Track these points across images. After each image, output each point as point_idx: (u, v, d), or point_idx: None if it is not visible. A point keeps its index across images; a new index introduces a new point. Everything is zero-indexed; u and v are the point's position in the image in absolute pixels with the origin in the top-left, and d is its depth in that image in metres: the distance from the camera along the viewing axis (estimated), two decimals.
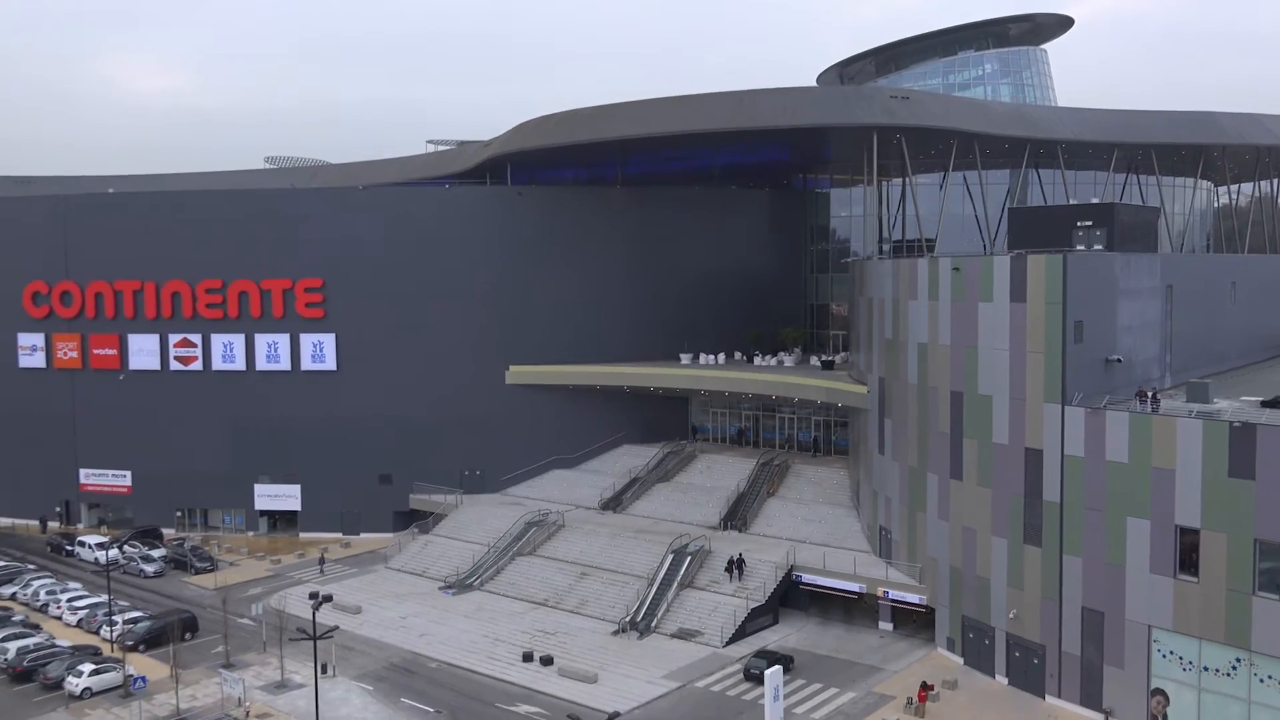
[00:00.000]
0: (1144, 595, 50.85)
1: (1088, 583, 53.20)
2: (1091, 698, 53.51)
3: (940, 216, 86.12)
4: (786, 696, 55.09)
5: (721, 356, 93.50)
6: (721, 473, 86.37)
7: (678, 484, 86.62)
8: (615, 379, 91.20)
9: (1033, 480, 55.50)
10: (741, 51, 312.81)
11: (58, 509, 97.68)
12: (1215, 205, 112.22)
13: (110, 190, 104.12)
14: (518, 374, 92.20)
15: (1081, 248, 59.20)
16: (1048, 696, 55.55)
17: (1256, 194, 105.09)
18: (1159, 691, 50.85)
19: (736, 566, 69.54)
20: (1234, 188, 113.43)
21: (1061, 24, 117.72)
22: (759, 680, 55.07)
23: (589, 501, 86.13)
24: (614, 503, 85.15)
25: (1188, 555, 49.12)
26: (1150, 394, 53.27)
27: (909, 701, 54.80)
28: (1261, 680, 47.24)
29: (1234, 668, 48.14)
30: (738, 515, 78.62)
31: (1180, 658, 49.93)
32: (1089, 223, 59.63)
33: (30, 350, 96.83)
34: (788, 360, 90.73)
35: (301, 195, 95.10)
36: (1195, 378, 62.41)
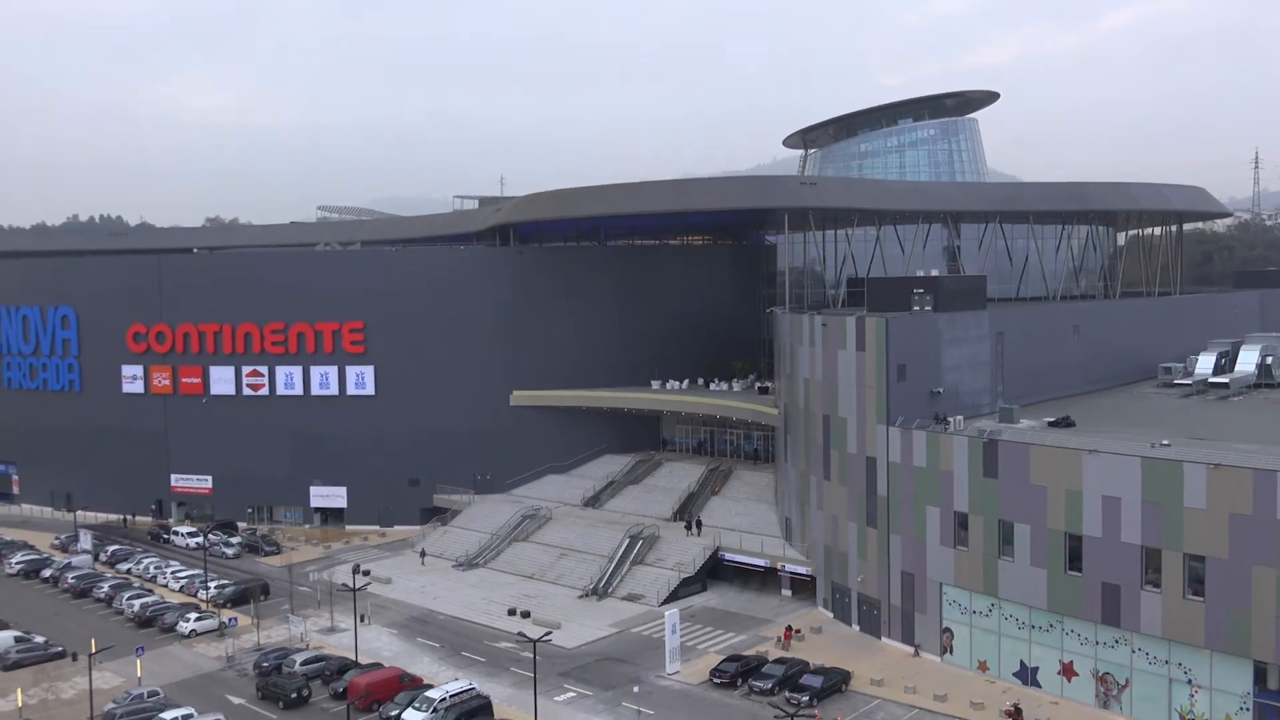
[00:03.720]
0: (937, 561, 71.68)
1: (904, 553, 74.05)
2: (908, 637, 74.29)
3: (865, 263, 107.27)
4: (697, 639, 76.59)
5: (686, 383, 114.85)
6: (679, 476, 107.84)
7: (645, 485, 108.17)
8: (598, 401, 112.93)
9: (871, 480, 76.47)
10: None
11: (153, 505, 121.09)
12: (1113, 249, 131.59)
13: (195, 250, 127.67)
14: (520, 397, 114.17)
15: (916, 308, 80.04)
16: (883, 637, 76.35)
17: (1129, 241, 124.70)
18: (947, 629, 71.62)
19: (696, 525, 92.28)
20: (1133, 233, 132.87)
21: (989, 96, 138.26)
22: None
23: (574, 500, 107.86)
24: (593, 500, 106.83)
25: (961, 531, 69.90)
26: (944, 417, 74.04)
27: (778, 640, 75.92)
28: (1006, 618, 67.93)
29: (990, 610, 68.87)
30: (686, 510, 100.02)
31: (959, 604, 70.68)
32: (921, 290, 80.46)
33: (131, 379, 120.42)
34: (736, 387, 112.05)
35: (347, 256, 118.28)
36: (1032, 403, 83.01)
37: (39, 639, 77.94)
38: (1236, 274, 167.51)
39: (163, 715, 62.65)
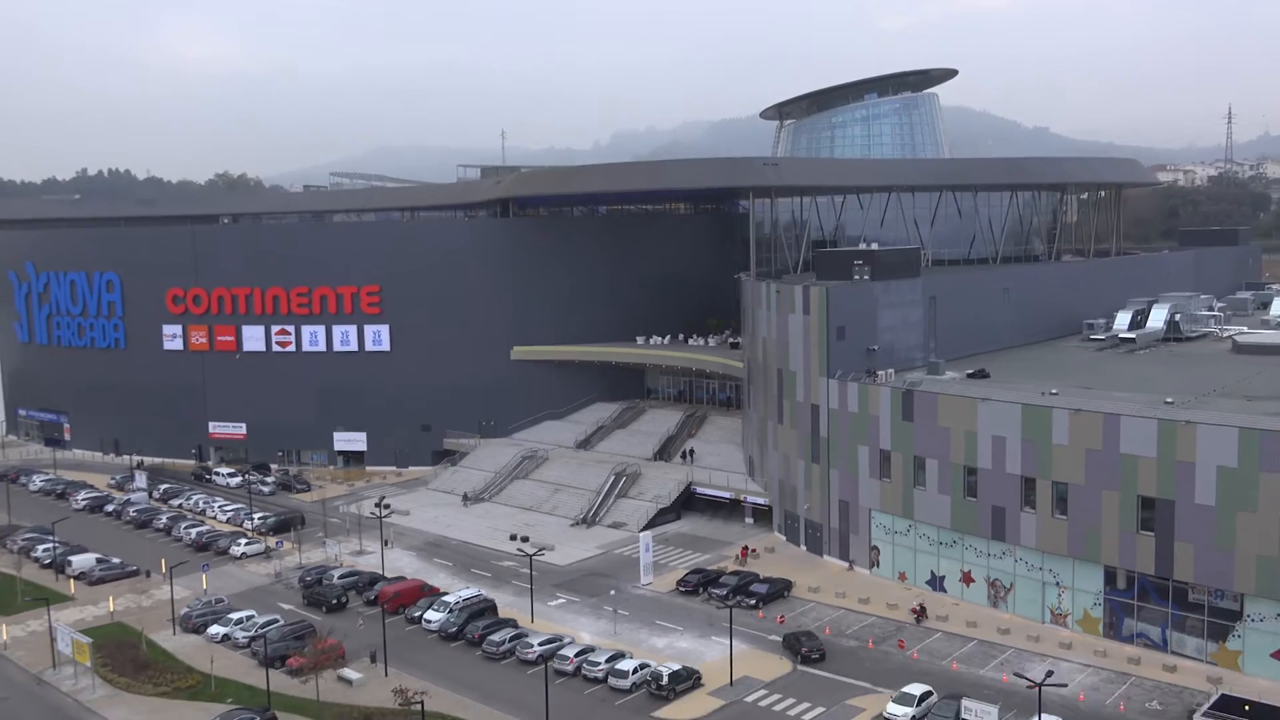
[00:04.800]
0: (867, 491, 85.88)
1: (841, 485, 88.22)
2: (844, 554, 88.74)
3: (832, 228, 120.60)
4: (669, 558, 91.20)
5: (667, 338, 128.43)
6: (660, 422, 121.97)
7: (630, 429, 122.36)
8: (590, 356, 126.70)
9: (815, 424, 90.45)
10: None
11: (193, 451, 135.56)
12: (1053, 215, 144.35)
13: (221, 219, 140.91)
14: (519, 352, 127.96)
15: (856, 277, 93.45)
16: (824, 555, 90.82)
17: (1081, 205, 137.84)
18: (875, 547, 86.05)
19: (689, 454, 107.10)
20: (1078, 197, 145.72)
21: (948, 74, 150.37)
22: None
23: (568, 442, 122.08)
24: (585, 443, 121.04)
25: (885, 466, 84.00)
26: (874, 371, 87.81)
27: (736, 558, 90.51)
28: (920, 536, 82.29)
29: (908, 530, 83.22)
30: (665, 451, 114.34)
31: (884, 526, 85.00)
32: (860, 261, 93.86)
33: (171, 337, 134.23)
34: (711, 342, 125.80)
35: (364, 227, 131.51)
36: (962, 357, 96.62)
37: (115, 560, 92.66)
38: (1180, 233, 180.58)
39: (230, 615, 77.41)
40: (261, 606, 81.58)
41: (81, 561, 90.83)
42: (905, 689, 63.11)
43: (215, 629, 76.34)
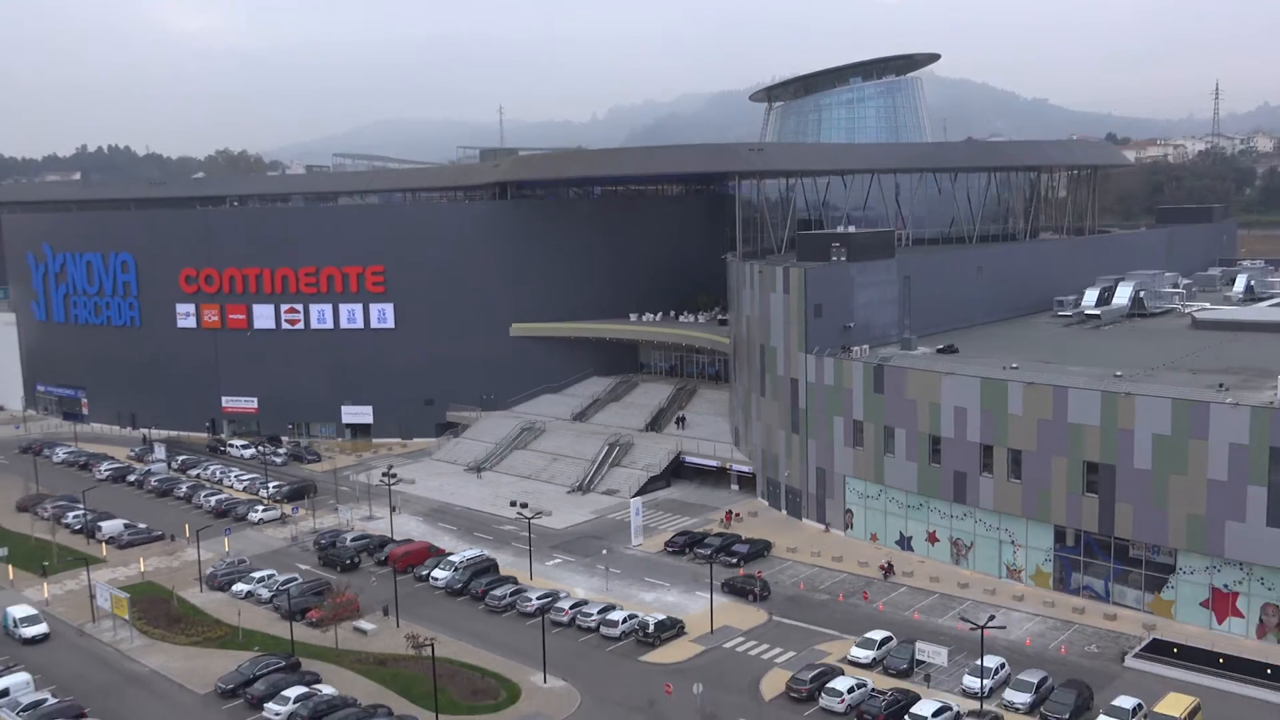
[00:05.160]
0: (841, 458, 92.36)
1: (818, 453, 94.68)
2: (821, 517, 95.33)
3: (819, 207, 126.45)
4: (658, 522, 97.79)
5: (659, 315, 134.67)
6: (652, 395, 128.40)
7: (623, 402, 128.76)
8: (585, 332, 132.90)
9: (794, 396, 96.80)
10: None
11: (206, 424, 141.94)
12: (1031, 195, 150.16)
13: (230, 201, 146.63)
14: (518, 329, 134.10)
15: (834, 259, 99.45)
16: (803, 519, 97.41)
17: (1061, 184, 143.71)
18: (849, 510, 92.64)
19: (680, 421, 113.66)
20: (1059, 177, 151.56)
21: (931, 58, 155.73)
22: None
23: (565, 415, 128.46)
24: (581, 415, 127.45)
25: (858, 435, 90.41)
26: (848, 347, 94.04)
27: (721, 522, 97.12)
28: (890, 500, 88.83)
29: (879, 494, 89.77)
30: (657, 422, 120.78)
31: (857, 491, 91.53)
32: (838, 244, 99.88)
33: (184, 315, 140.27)
34: (701, 319, 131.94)
35: (369, 209, 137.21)
36: (935, 333, 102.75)
37: (142, 525, 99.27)
38: (1158, 211, 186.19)
39: (252, 574, 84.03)
40: (280, 567, 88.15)
41: (110, 527, 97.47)
42: (868, 635, 69.83)
43: (239, 586, 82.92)
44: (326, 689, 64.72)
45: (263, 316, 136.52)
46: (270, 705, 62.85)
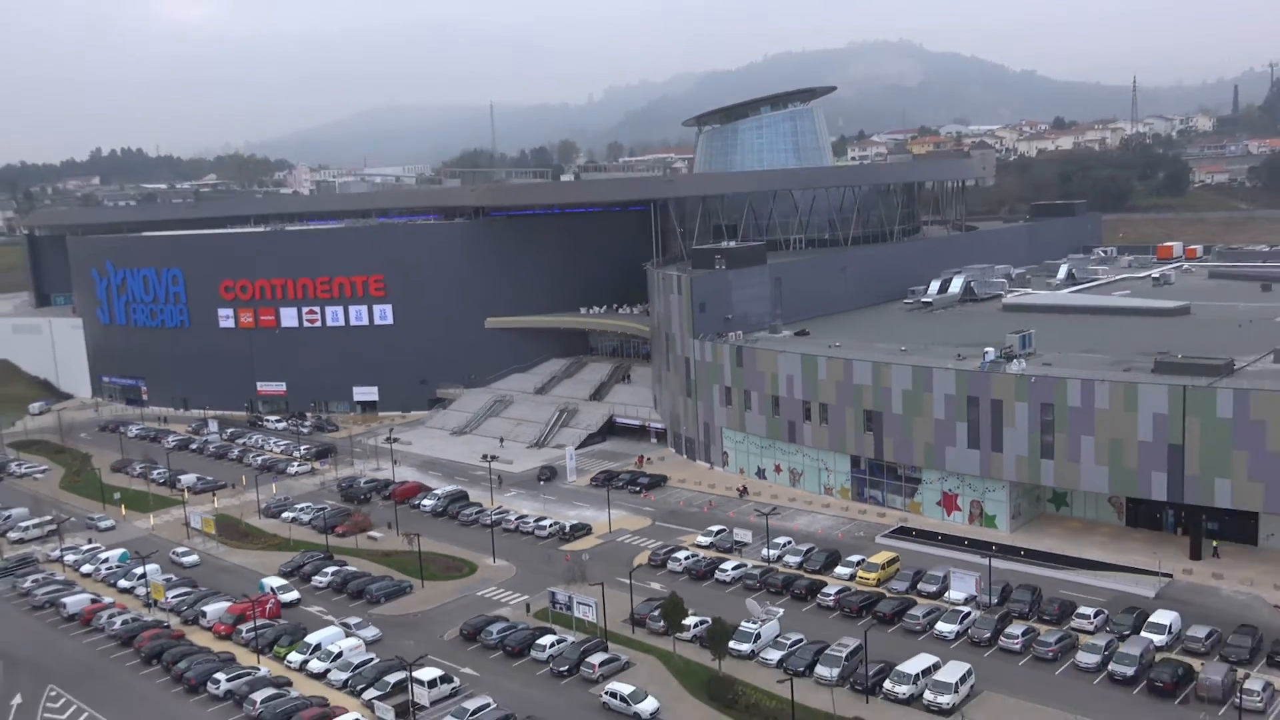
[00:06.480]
0: (718, 414, 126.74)
1: (704, 411, 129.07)
2: (707, 458, 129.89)
3: (723, 221, 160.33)
4: (592, 465, 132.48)
5: (604, 308, 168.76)
6: (598, 371, 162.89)
7: (575, 378, 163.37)
8: (546, 323, 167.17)
9: (688, 370, 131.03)
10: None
11: (245, 404, 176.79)
12: (908, 201, 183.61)
13: (267, 229, 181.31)
14: (493, 322, 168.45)
15: (716, 267, 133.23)
16: (696, 460, 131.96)
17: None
18: (725, 452, 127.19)
19: (627, 377, 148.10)
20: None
21: (828, 90, 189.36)
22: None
23: (529, 389, 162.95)
24: (542, 389, 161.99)
25: (728, 397, 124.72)
26: (724, 334, 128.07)
27: (634, 463, 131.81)
28: (750, 443, 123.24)
29: (743, 440, 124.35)
30: (599, 393, 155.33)
31: (730, 437, 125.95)
32: (719, 255, 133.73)
33: (225, 318, 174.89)
34: (636, 311, 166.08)
35: (371, 230, 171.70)
36: (804, 320, 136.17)
37: (210, 477, 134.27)
38: (1032, 206, 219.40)
39: (295, 505, 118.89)
40: (313, 502, 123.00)
41: (186, 479, 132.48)
42: (709, 528, 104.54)
43: (286, 514, 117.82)
44: (350, 568, 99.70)
45: (288, 317, 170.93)
46: (315, 578, 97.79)
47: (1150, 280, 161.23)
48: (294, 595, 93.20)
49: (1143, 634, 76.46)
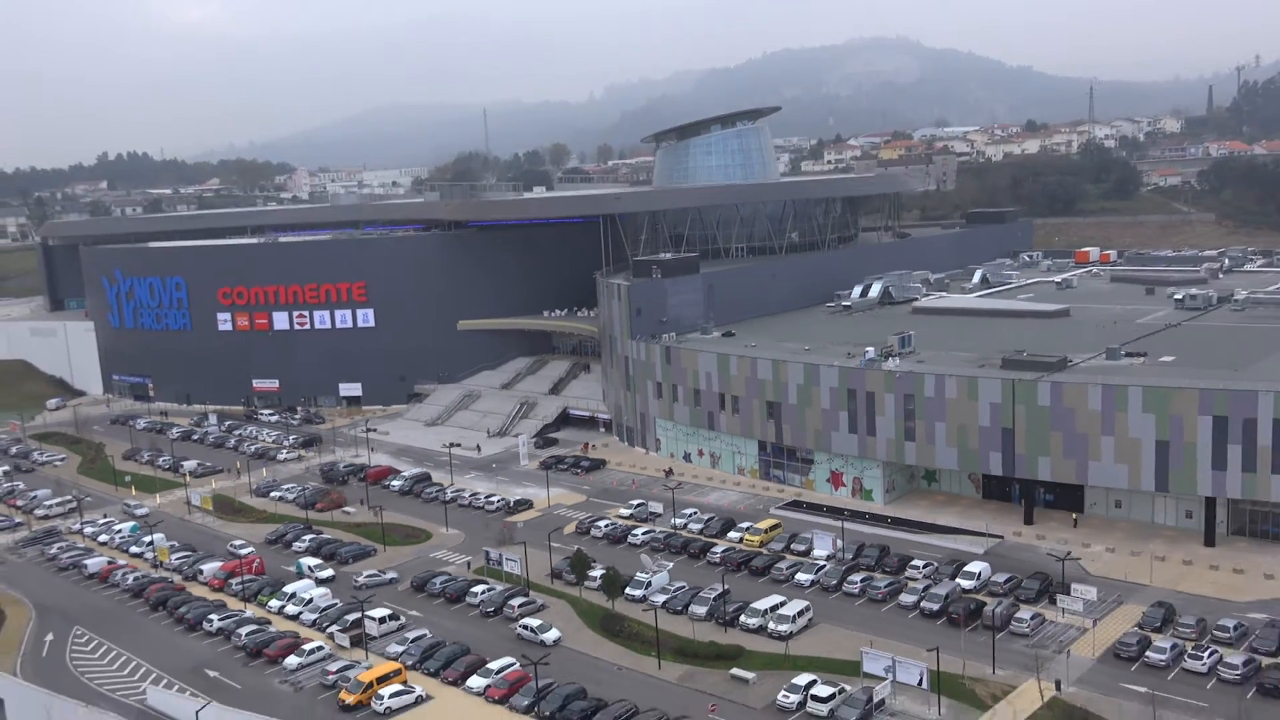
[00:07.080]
0: (652, 406, 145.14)
1: (640, 403, 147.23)
2: (644, 444, 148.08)
3: (668, 230, 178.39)
4: (545, 452, 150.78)
5: (564, 311, 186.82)
6: (558, 368, 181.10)
7: (537, 375, 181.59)
8: (512, 325, 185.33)
9: (627, 368, 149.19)
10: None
11: (242, 400, 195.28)
12: (848, 212, 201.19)
13: (261, 241, 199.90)
14: (464, 324, 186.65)
15: (653, 276, 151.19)
16: (634, 446, 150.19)
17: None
18: (658, 439, 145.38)
19: (587, 367, 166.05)
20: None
21: (774, 109, 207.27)
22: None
23: (496, 385, 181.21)
24: (507, 385, 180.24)
25: (660, 391, 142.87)
26: (658, 335, 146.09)
27: (582, 448, 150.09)
28: (678, 430, 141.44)
29: (672, 427, 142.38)
30: (557, 388, 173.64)
31: (662, 426, 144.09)
32: (656, 266, 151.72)
33: (224, 321, 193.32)
34: (591, 314, 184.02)
35: (355, 242, 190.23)
36: (736, 322, 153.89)
37: (209, 463, 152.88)
38: (969, 214, 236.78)
39: (282, 486, 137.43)
40: (298, 483, 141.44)
41: (188, 465, 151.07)
42: (630, 502, 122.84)
43: (274, 494, 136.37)
44: (326, 536, 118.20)
45: (280, 321, 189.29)
46: (294, 544, 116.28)
47: (1054, 285, 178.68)
48: (329, 573, 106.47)
49: (957, 580, 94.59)
